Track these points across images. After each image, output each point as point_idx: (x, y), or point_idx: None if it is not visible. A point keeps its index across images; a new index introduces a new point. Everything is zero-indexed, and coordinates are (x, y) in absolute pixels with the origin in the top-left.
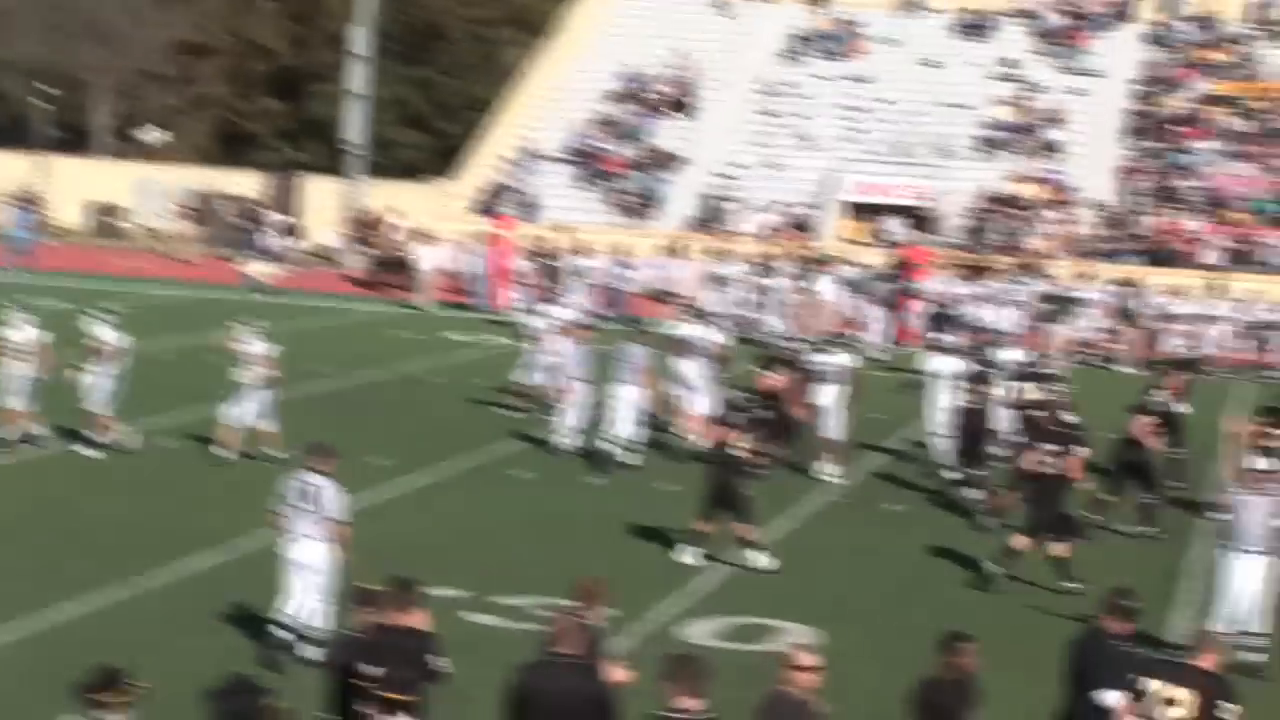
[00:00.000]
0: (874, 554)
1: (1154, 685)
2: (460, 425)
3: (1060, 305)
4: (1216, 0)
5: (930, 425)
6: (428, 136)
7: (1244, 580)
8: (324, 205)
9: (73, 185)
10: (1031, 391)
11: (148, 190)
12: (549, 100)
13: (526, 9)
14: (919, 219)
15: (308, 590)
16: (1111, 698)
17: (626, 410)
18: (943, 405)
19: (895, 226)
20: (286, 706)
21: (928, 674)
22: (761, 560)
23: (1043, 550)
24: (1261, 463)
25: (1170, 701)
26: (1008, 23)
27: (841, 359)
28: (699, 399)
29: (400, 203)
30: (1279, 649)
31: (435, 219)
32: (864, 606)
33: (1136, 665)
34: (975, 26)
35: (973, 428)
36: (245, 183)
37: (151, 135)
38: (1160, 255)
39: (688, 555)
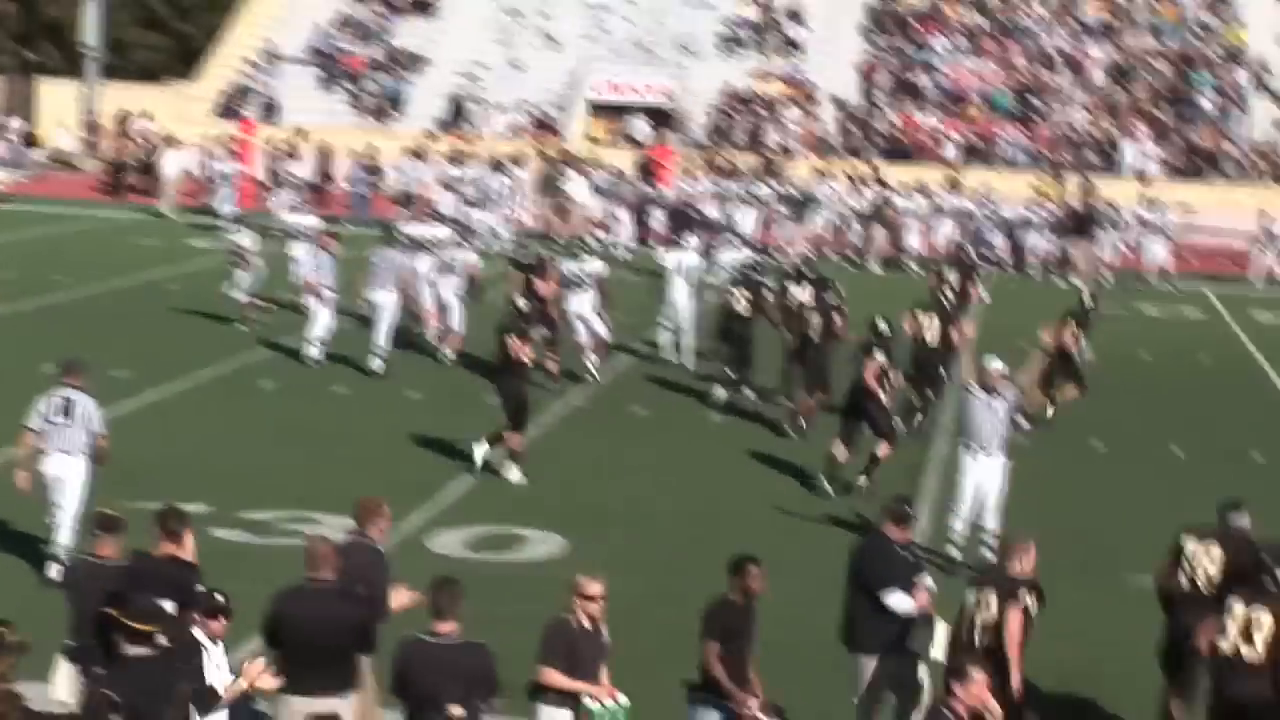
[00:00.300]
0: (620, 460)
1: (970, 596)
2: (204, 335)
3: (801, 204)
4: None
5: (668, 322)
6: (166, 38)
7: (980, 480)
8: (61, 109)
9: None
10: (802, 294)
11: None
12: (290, 1)
13: None
14: (664, 119)
15: (61, 508)
16: (895, 598)
17: (381, 316)
18: (682, 303)
19: (640, 126)
20: (17, 640)
21: (719, 597)
22: (514, 473)
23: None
24: (997, 364)
25: (985, 606)
26: None
27: (595, 264)
28: (453, 308)
29: (140, 106)
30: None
31: (176, 122)
32: (610, 514)
33: (915, 569)
34: None
35: (742, 333)
36: None
37: None
38: (900, 151)
39: (514, 472)
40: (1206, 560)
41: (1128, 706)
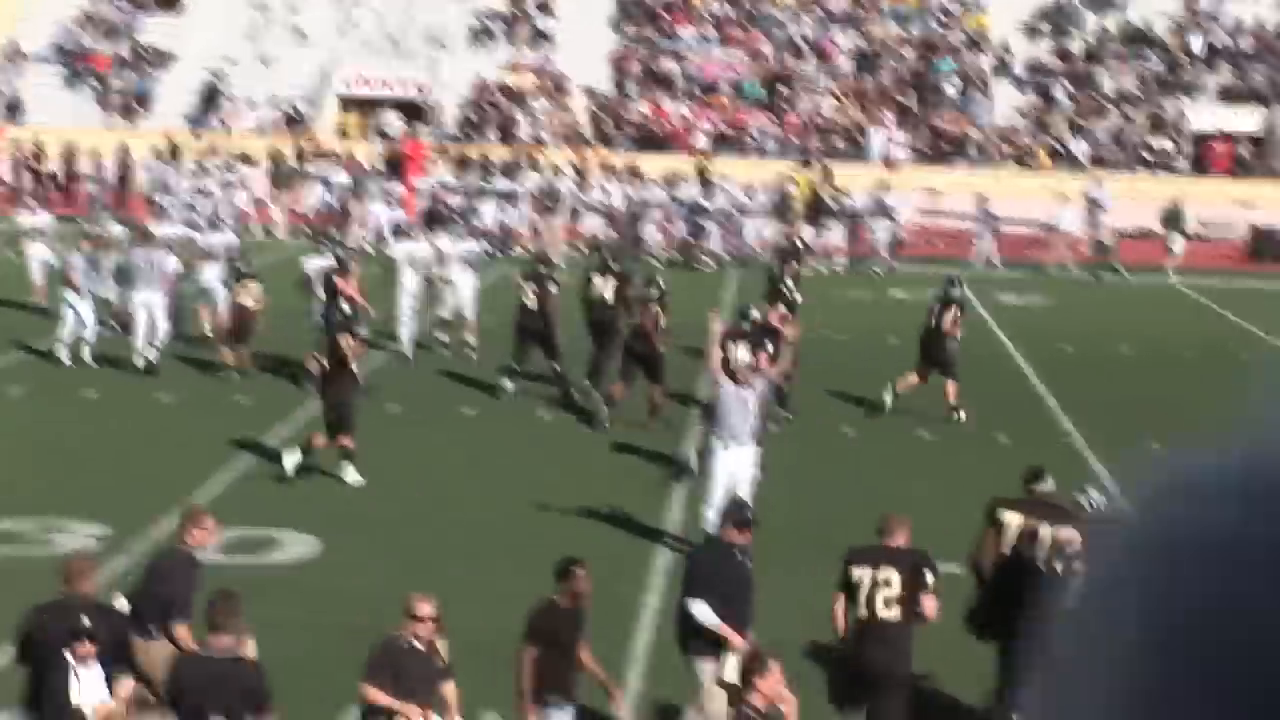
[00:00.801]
0: (374, 459)
1: (863, 573)
2: None
3: (553, 196)
4: None
5: (404, 314)
6: None
7: (732, 469)
8: None
9: None
10: (604, 287)
11: None
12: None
13: None
14: (415, 112)
15: None
16: (699, 608)
17: (143, 317)
18: (411, 291)
19: (392, 120)
20: None
21: (544, 600)
22: (351, 474)
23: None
24: (745, 355)
25: (887, 583)
26: None
27: (319, 261)
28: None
29: None
30: None
31: None
32: (363, 513)
33: (746, 581)
34: None
35: (537, 326)
36: None
37: None
38: (652, 141)
39: (351, 473)
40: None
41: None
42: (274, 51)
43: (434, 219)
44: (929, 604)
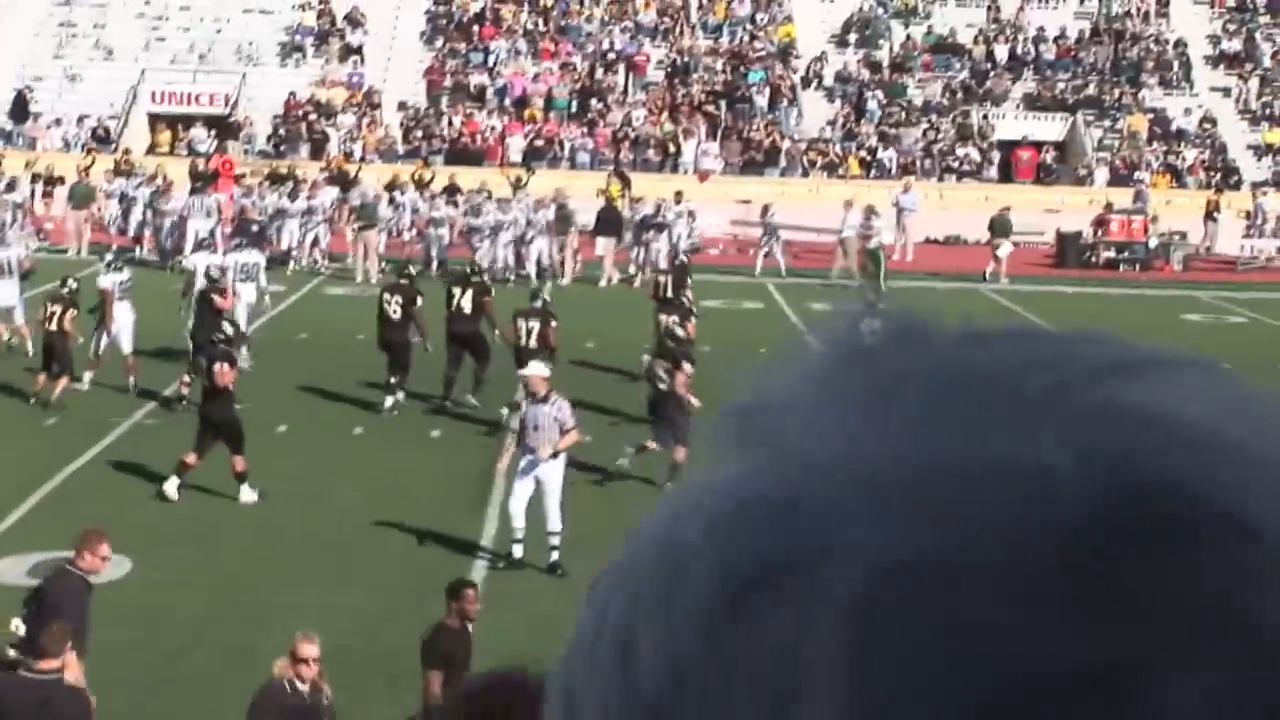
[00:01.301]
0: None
1: None
2: None
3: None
4: None
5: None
6: None
7: (540, 479)
8: None
9: None
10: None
11: None
12: None
13: None
14: (224, 127)
15: None
16: None
17: None
18: (248, 300)
19: (200, 135)
20: None
21: (436, 624)
22: (248, 494)
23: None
24: (542, 370)
25: None
26: None
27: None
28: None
29: None
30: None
31: None
32: (174, 532)
33: None
34: None
35: (400, 341)
36: None
37: None
38: (465, 154)
39: (248, 494)
40: None
41: None
42: (81, 67)
43: (241, 233)
44: None
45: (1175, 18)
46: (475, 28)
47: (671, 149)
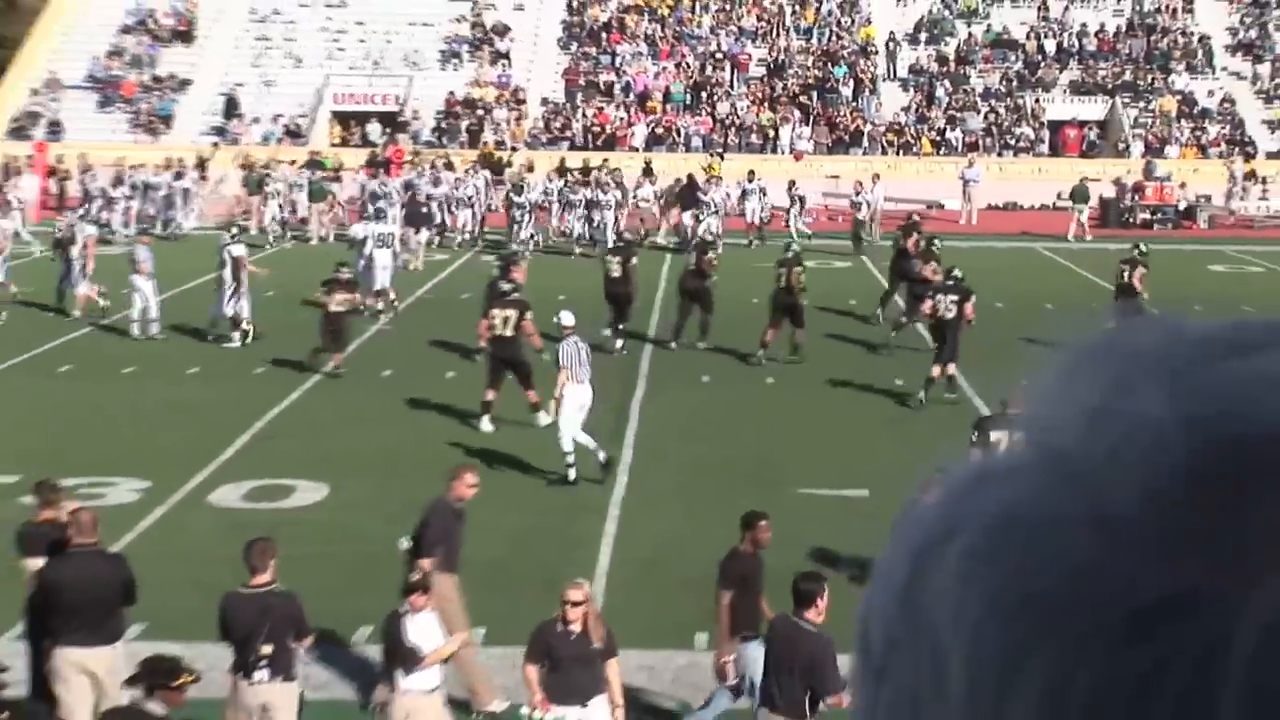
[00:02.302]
0: (373, 417)
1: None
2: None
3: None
4: None
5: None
6: None
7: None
8: None
9: None
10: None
11: None
12: (69, 36)
13: None
14: (395, 123)
15: None
16: None
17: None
18: (384, 265)
19: (376, 130)
20: None
21: (731, 549)
22: (488, 426)
23: None
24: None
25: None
26: None
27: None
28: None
29: None
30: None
31: None
32: (363, 464)
33: None
34: None
35: (623, 293)
36: None
37: None
38: (599, 142)
39: (486, 423)
40: None
41: None
42: (275, 75)
43: (414, 209)
44: None
45: (1199, 13)
46: (604, 35)
47: (771, 134)
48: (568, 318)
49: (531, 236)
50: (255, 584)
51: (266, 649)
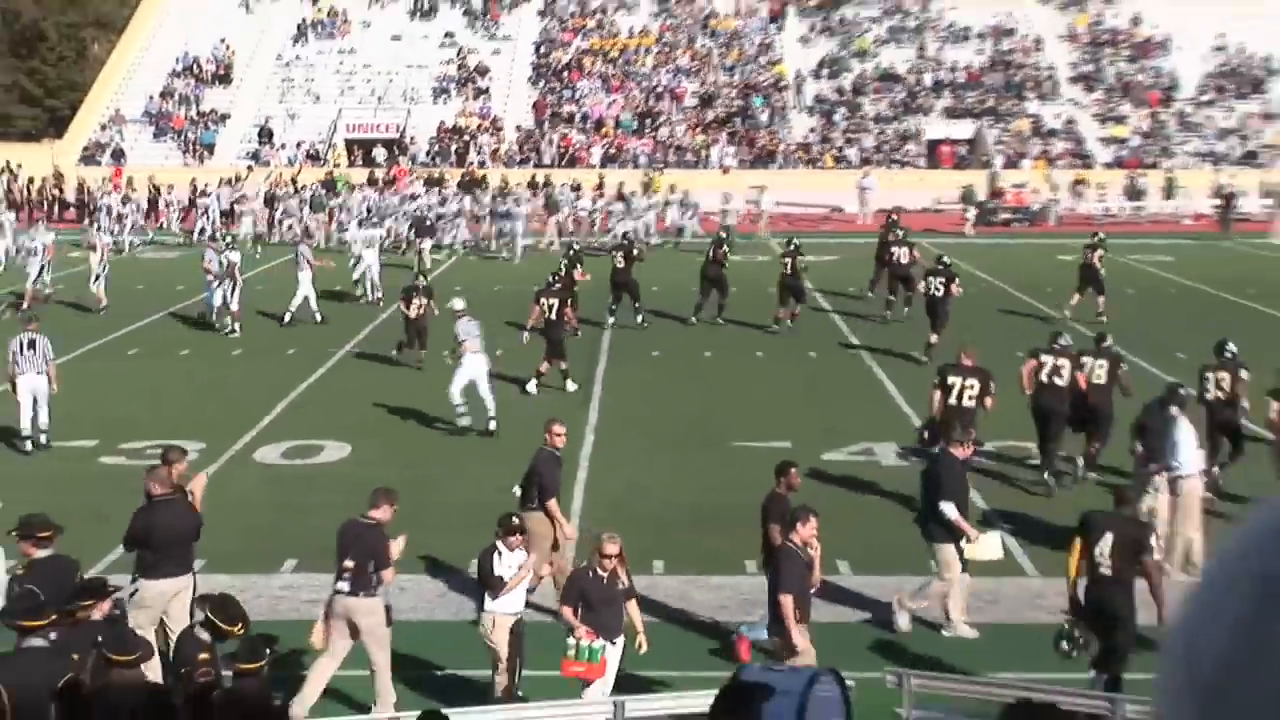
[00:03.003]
0: (385, 388)
1: (955, 379)
2: (69, 322)
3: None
4: None
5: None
6: (39, 110)
7: (475, 374)
8: None
9: None
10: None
11: None
12: (129, 79)
13: (106, 14)
14: (397, 148)
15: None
16: (948, 507)
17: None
18: (370, 263)
19: (380, 153)
20: None
21: (771, 491)
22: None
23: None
24: (459, 303)
25: (970, 385)
26: (445, 6)
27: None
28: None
29: (20, 159)
30: None
31: (52, 170)
32: (378, 427)
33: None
34: (425, 10)
35: (628, 281)
36: None
37: None
38: (564, 161)
39: (571, 385)
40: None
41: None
42: (298, 109)
43: (417, 223)
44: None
45: (1048, 51)
46: (566, 73)
47: (703, 153)
48: (459, 303)
49: (465, 242)
50: (369, 515)
51: (348, 564)
